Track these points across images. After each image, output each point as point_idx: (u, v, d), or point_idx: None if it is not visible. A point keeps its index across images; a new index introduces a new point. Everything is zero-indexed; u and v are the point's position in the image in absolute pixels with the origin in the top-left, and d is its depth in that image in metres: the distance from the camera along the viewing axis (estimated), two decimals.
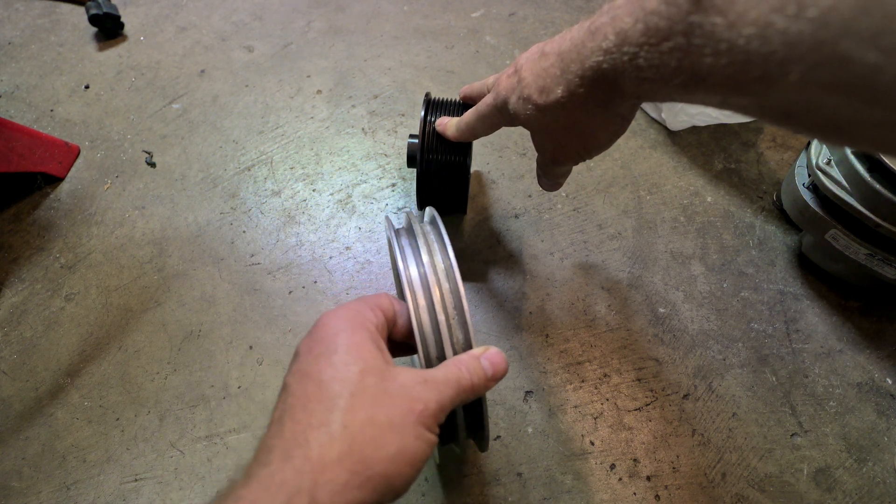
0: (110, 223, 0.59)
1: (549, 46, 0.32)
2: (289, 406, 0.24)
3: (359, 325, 0.26)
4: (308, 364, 0.25)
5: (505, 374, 0.30)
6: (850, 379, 0.48)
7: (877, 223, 0.43)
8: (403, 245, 0.34)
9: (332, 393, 0.23)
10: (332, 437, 0.22)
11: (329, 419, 0.23)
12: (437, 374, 0.27)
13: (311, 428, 0.22)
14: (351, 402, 0.23)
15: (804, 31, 0.16)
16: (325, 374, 0.24)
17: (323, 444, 0.22)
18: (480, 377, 0.28)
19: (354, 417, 0.23)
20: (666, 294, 0.52)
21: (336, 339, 0.25)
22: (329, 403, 0.23)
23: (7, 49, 0.78)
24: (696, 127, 0.65)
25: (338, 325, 0.26)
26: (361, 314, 0.27)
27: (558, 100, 0.31)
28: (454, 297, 0.31)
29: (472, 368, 0.28)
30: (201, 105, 0.70)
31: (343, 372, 0.24)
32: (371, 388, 0.24)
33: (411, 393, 0.25)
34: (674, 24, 0.21)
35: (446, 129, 0.45)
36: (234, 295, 0.53)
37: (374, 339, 0.27)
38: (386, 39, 0.77)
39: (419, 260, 0.32)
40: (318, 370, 0.24)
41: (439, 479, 0.43)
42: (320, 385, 0.24)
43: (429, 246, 0.33)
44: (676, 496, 0.42)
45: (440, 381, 0.26)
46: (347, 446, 0.22)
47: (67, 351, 0.50)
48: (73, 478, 0.43)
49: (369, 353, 0.25)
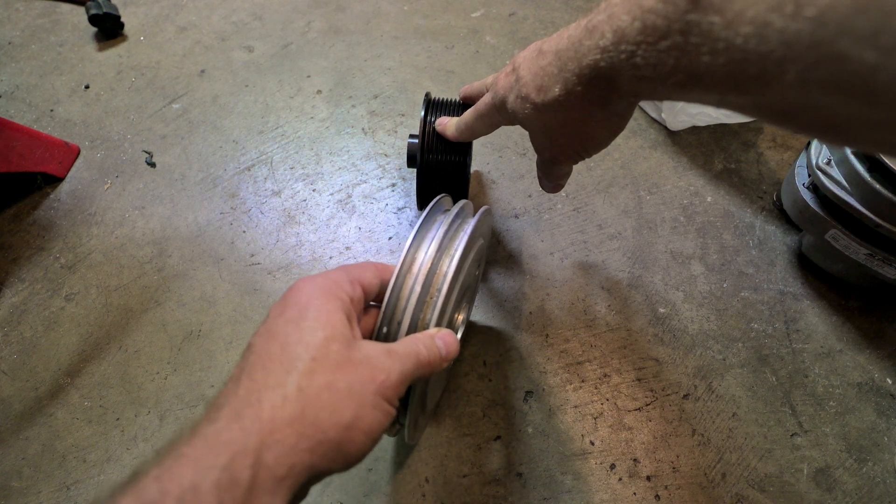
0: (110, 223, 0.59)
1: (547, 45, 0.32)
2: (248, 364, 0.24)
3: (333, 294, 0.26)
4: (275, 325, 0.25)
5: (456, 354, 0.31)
6: (850, 379, 0.48)
7: (877, 223, 0.43)
8: (432, 220, 0.35)
9: (293, 355, 0.23)
10: (286, 399, 0.22)
11: (286, 380, 0.22)
12: (398, 347, 0.27)
13: (267, 388, 0.22)
14: (311, 366, 0.23)
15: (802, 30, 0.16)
16: (291, 337, 0.24)
17: (275, 405, 0.22)
18: (435, 355, 0.29)
19: (312, 381, 0.23)
20: (666, 294, 0.52)
21: (308, 305, 0.25)
22: (289, 365, 0.23)
23: (7, 49, 0.78)
24: (696, 127, 0.65)
25: (312, 292, 0.26)
26: (338, 285, 0.27)
27: (556, 98, 0.31)
28: (444, 280, 0.31)
29: (429, 345, 0.28)
30: (201, 105, 0.70)
31: (308, 336, 0.24)
32: (334, 355, 0.24)
33: (374, 363, 0.25)
34: (671, 23, 0.21)
35: (446, 128, 0.45)
36: (234, 295, 0.53)
37: (346, 310, 0.27)
38: (386, 39, 0.77)
39: (437, 232, 0.33)
40: (284, 332, 0.24)
41: (439, 479, 0.43)
42: (284, 347, 0.24)
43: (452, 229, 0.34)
44: (676, 496, 0.42)
45: (402, 354, 0.26)
46: (300, 409, 0.22)
47: (67, 351, 0.50)
48: (73, 478, 0.43)
49: (339, 322, 0.25)
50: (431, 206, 0.35)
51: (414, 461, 0.43)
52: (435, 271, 0.32)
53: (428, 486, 0.42)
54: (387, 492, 0.42)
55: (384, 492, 0.42)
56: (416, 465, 0.43)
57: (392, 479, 0.43)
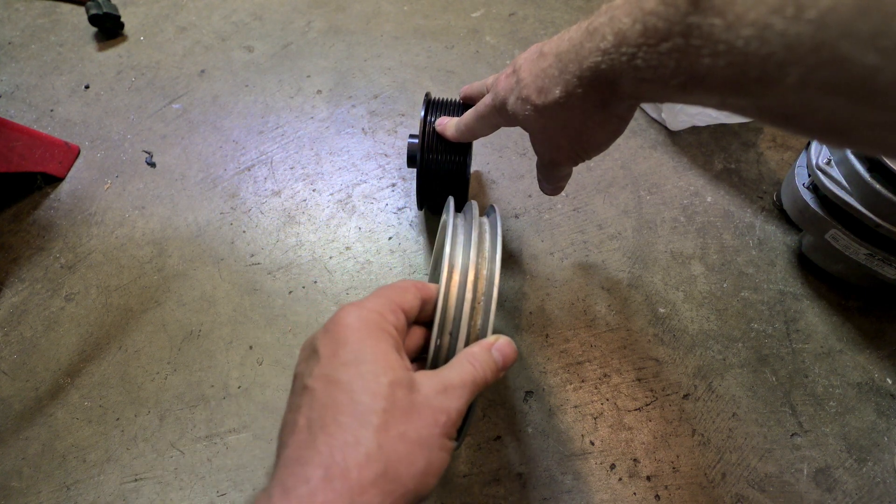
0: (110, 223, 0.59)
1: (548, 47, 0.32)
2: (317, 415, 0.23)
3: (381, 329, 0.26)
4: (334, 370, 0.24)
5: (514, 362, 0.30)
6: (850, 379, 0.48)
7: (877, 223, 0.43)
8: (458, 224, 0.35)
9: (364, 407, 0.23)
10: (369, 458, 0.22)
11: (363, 436, 0.22)
12: (453, 377, 0.27)
13: (348, 446, 0.22)
14: (384, 419, 0.23)
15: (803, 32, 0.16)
16: (356, 385, 0.24)
17: (361, 465, 0.22)
18: (492, 369, 0.28)
19: (388, 435, 0.23)
20: (666, 294, 0.52)
21: (362, 345, 0.25)
22: (362, 419, 0.23)
23: (7, 49, 0.78)
24: (696, 127, 0.65)
25: (360, 329, 0.26)
26: (383, 317, 0.27)
27: (556, 100, 0.31)
28: (488, 284, 0.31)
29: (485, 362, 0.28)
30: (201, 105, 0.70)
31: (373, 385, 0.24)
32: (401, 403, 0.24)
33: (434, 404, 0.25)
34: (672, 25, 0.21)
35: (446, 129, 0.45)
36: (234, 295, 0.53)
37: (397, 345, 0.26)
38: (386, 39, 0.77)
39: (469, 236, 0.33)
40: (347, 379, 0.24)
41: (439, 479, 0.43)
42: (351, 396, 0.23)
43: (481, 233, 0.34)
44: (676, 496, 0.42)
45: (457, 386, 0.26)
46: (383, 467, 0.22)
47: (67, 351, 0.50)
48: (73, 478, 0.43)
49: (396, 363, 0.25)
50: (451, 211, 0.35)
51: None
52: (480, 275, 0.32)
53: None
54: None
55: None
56: None
57: None
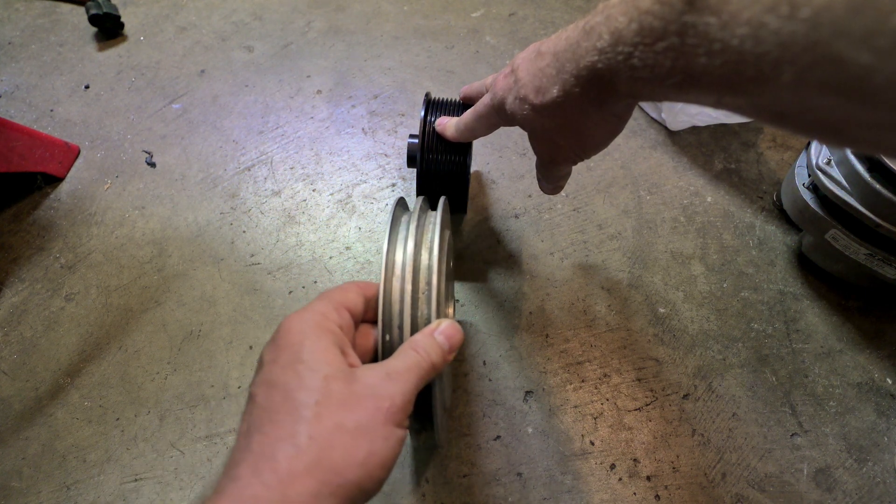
0: (110, 223, 0.59)
1: (545, 46, 0.32)
2: (255, 418, 0.24)
3: (322, 328, 0.26)
4: (274, 374, 0.25)
5: (461, 342, 0.30)
6: (850, 379, 0.48)
7: (877, 223, 0.43)
8: (401, 218, 0.34)
9: (298, 403, 0.23)
10: (300, 449, 0.22)
11: (296, 430, 0.23)
12: (396, 364, 0.27)
13: (279, 441, 0.22)
14: (317, 411, 0.23)
15: (797, 31, 0.16)
16: (291, 384, 0.24)
17: (290, 457, 0.22)
18: (438, 353, 0.28)
19: (321, 426, 0.23)
20: (666, 294, 0.52)
21: (301, 346, 0.25)
22: (296, 414, 0.23)
23: (7, 49, 0.78)
24: (696, 127, 0.65)
25: (302, 331, 0.26)
26: (325, 316, 0.27)
27: (554, 99, 0.31)
28: (428, 273, 0.31)
29: (429, 347, 0.28)
30: (201, 105, 0.70)
31: (308, 380, 0.24)
32: (337, 394, 0.24)
33: (377, 391, 0.25)
34: (668, 24, 0.21)
35: (445, 129, 0.45)
36: (234, 295, 0.53)
37: (339, 342, 0.26)
38: (386, 39, 0.77)
39: (408, 228, 0.33)
40: (284, 380, 0.24)
41: (439, 479, 0.43)
42: (286, 395, 0.24)
43: (423, 223, 0.34)
44: (676, 496, 0.42)
45: (402, 371, 0.26)
46: (315, 456, 0.22)
47: (67, 351, 0.50)
48: (73, 478, 0.43)
49: (334, 357, 0.25)
50: (393, 209, 0.35)
51: (414, 461, 0.43)
52: (419, 266, 0.32)
53: (428, 486, 0.42)
54: (387, 492, 0.42)
55: (384, 492, 0.42)
56: (416, 465, 0.43)
57: (392, 479, 0.43)
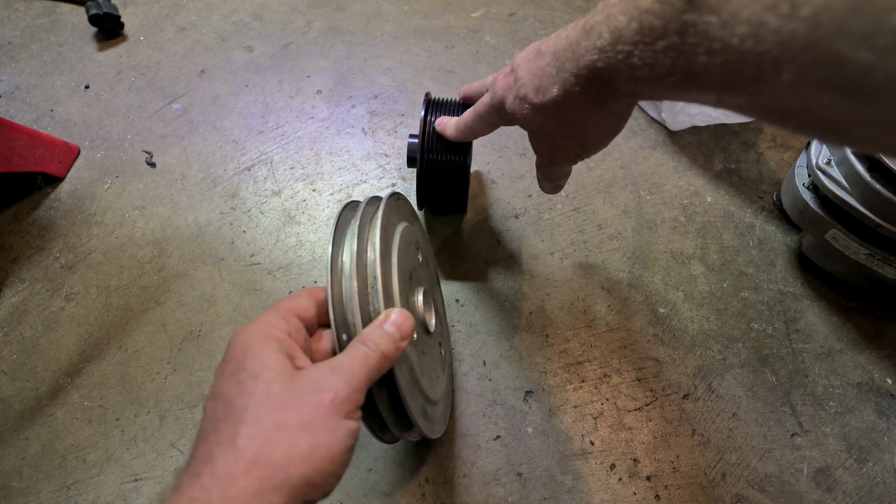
0: (110, 223, 0.59)
1: (545, 45, 0.32)
2: (201, 430, 0.24)
3: (267, 336, 0.26)
4: (219, 386, 0.25)
5: (412, 329, 0.29)
6: (850, 379, 0.48)
7: (877, 223, 0.43)
8: (348, 219, 0.34)
9: (238, 408, 0.24)
10: (237, 450, 0.22)
11: (235, 433, 0.23)
12: (342, 358, 0.27)
13: (218, 445, 0.23)
14: (257, 413, 0.23)
15: (797, 30, 0.16)
16: (232, 392, 0.24)
17: (228, 460, 0.22)
18: (388, 342, 0.28)
19: (260, 426, 0.23)
20: (666, 294, 0.52)
21: (244, 355, 0.26)
22: (235, 419, 0.23)
23: (7, 49, 0.78)
24: (696, 127, 0.65)
25: (247, 341, 0.26)
26: (271, 325, 0.27)
27: (554, 99, 0.31)
28: (374, 267, 0.31)
29: (378, 337, 0.28)
30: (201, 105, 0.70)
31: (248, 386, 0.24)
32: (277, 395, 0.24)
33: (319, 386, 0.25)
34: (668, 23, 0.21)
35: (445, 129, 0.45)
36: (234, 295, 0.53)
37: (286, 348, 0.26)
38: (386, 39, 0.77)
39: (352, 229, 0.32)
40: (226, 390, 0.25)
41: (439, 479, 0.43)
42: (228, 403, 0.24)
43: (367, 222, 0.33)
44: (676, 496, 0.42)
45: (346, 364, 0.26)
46: (254, 455, 0.22)
47: (67, 351, 0.50)
48: (73, 478, 0.43)
49: (276, 361, 0.25)
50: (340, 212, 0.34)
51: (414, 461, 0.43)
52: (364, 262, 0.31)
53: (428, 486, 0.42)
54: (387, 492, 0.42)
55: (384, 492, 0.42)
56: (416, 465, 0.43)
57: (392, 479, 0.43)
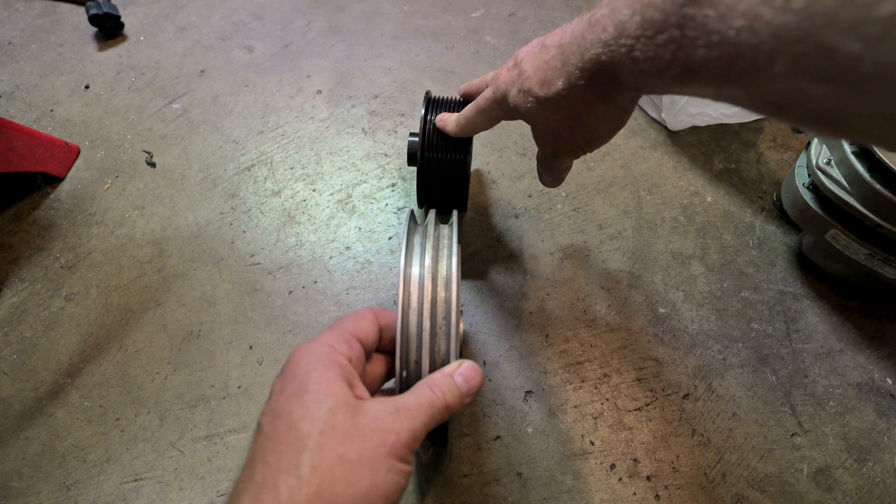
0: (110, 223, 0.59)
1: (550, 39, 0.32)
2: (259, 448, 0.24)
3: (330, 360, 0.26)
4: (280, 404, 0.25)
5: (480, 387, 0.30)
6: (850, 379, 0.48)
7: (877, 223, 0.43)
8: (414, 243, 0.33)
9: (302, 433, 0.23)
10: (301, 480, 0.22)
11: (298, 461, 0.22)
12: (408, 400, 0.27)
13: (280, 471, 0.22)
14: (320, 442, 0.23)
15: (790, 22, 0.17)
16: (296, 414, 0.24)
17: (292, 488, 0.22)
18: (455, 395, 0.28)
19: (323, 457, 0.23)
20: (666, 294, 0.52)
21: (307, 377, 0.25)
22: (298, 444, 0.23)
23: (7, 49, 0.78)
24: (696, 127, 0.65)
25: (309, 362, 0.26)
26: (334, 349, 0.27)
27: (559, 92, 0.31)
28: (447, 306, 0.30)
29: (446, 387, 0.28)
30: (201, 105, 0.70)
31: (313, 411, 0.24)
32: (341, 426, 0.24)
33: (382, 425, 0.25)
34: (668, 16, 0.22)
35: (446, 124, 0.45)
36: (234, 295, 0.53)
37: (347, 375, 0.26)
38: (386, 39, 0.77)
39: (423, 261, 0.32)
40: (288, 410, 0.24)
41: (439, 479, 0.43)
42: (290, 425, 0.24)
43: (437, 250, 0.33)
44: (676, 496, 0.42)
45: (412, 408, 0.26)
46: (316, 487, 0.22)
47: (67, 351, 0.50)
48: (73, 478, 0.43)
49: (340, 390, 0.25)
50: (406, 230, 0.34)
51: (414, 461, 0.43)
52: (437, 300, 0.30)
53: (428, 486, 0.42)
54: None
55: None
56: (416, 465, 0.43)
57: None
